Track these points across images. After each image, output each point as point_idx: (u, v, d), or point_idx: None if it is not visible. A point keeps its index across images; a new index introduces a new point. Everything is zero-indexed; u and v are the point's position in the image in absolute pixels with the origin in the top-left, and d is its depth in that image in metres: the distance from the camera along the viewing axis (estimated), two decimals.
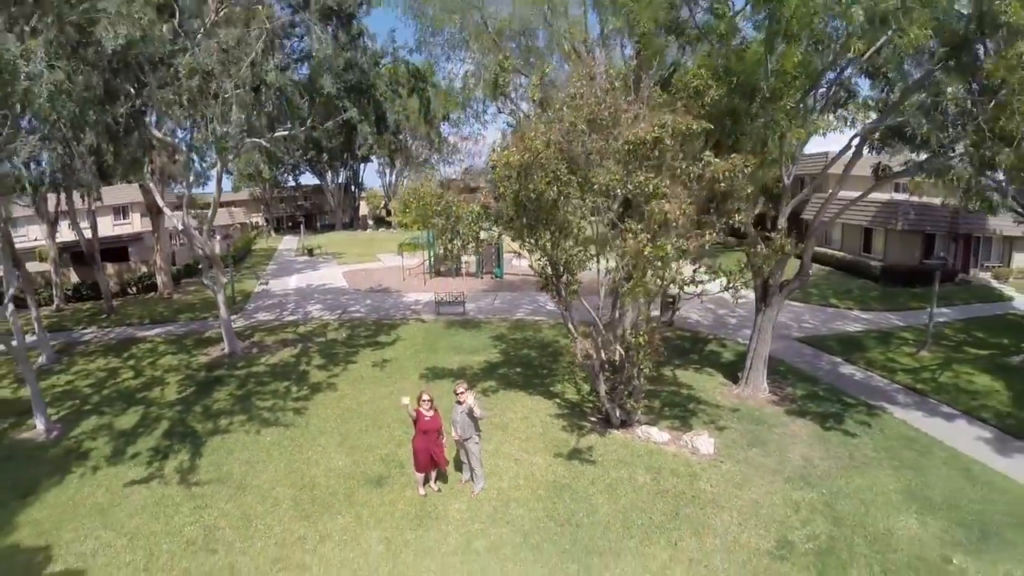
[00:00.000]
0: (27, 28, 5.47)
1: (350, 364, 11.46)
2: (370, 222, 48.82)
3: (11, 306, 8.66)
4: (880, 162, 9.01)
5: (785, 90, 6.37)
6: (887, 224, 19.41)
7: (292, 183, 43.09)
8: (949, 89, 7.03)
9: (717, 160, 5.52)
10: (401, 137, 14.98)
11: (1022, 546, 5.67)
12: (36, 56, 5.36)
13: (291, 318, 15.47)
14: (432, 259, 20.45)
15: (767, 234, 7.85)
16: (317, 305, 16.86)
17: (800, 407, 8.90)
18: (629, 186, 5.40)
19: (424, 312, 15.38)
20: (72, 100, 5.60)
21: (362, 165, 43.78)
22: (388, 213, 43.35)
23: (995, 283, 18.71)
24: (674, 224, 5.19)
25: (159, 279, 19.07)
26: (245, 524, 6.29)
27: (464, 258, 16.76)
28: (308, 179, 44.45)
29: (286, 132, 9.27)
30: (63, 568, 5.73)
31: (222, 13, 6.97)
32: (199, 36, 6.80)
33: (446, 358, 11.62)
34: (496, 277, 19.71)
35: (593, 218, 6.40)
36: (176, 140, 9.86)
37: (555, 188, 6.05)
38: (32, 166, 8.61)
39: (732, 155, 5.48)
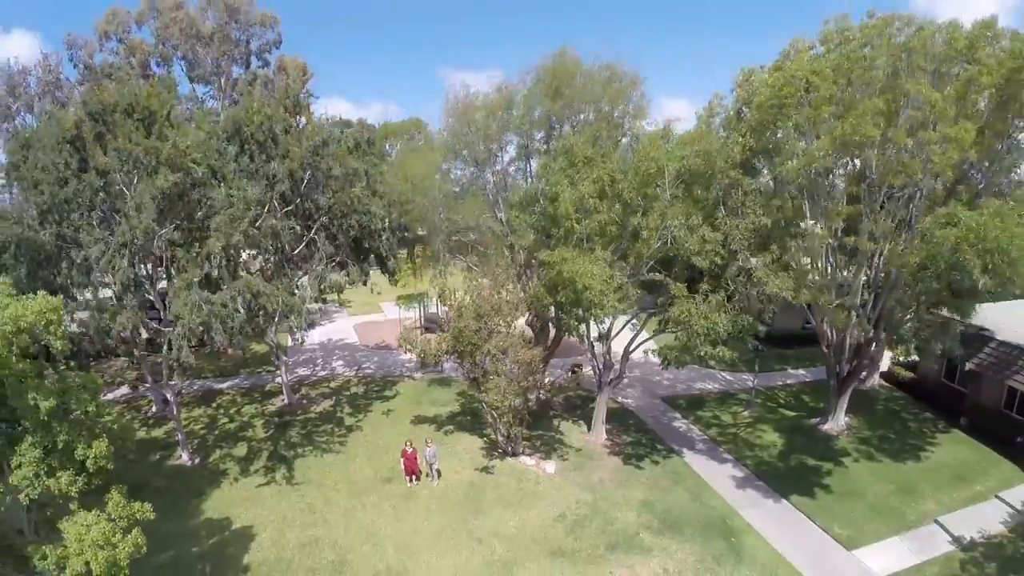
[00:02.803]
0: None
1: (368, 412, 20.93)
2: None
3: (174, 398, 17.88)
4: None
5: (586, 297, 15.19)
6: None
7: None
8: None
9: (523, 354, 14.61)
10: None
11: (689, 535, 14.07)
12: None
13: (323, 373, 25.08)
14: (423, 317, 29.88)
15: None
16: (339, 361, 26.47)
17: (621, 450, 17.88)
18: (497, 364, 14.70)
19: (415, 370, 24.75)
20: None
21: None
22: None
23: None
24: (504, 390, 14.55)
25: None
26: (325, 501, 15.64)
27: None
28: None
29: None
30: (240, 526, 15.03)
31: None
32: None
33: (427, 409, 21.00)
34: None
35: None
36: None
37: (470, 347, 15.22)
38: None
39: (536, 348, 14.55)
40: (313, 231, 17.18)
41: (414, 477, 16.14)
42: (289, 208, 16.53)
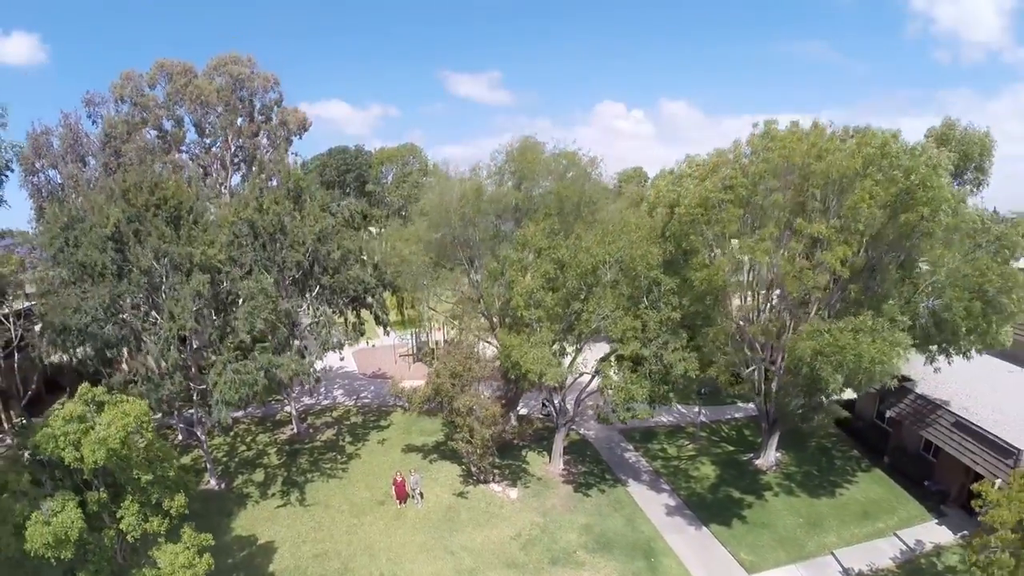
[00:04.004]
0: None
1: (365, 441, 25.48)
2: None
3: (204, 436, 22.52)
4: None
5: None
6: None
7: None
8: None
9: (487, 411, 18.91)
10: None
11: (617, 554, 18.34)
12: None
13: (325, 402, 29.65)
14: (415, 345, 34.35)
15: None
16: (340, 391, 31.04)
17: (575, 479, 22.25)
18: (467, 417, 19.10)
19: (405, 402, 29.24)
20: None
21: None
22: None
23: None
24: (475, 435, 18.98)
25: None
26: (331, 519, 20.26)
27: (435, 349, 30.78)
28: None
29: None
30: (264, 541, 19.65)
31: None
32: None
33: (416, 438, 25.50)
34: None
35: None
36: None
37: (448, 398, 19.60)
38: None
39: (495, 407, 18.95)
40: (315, 293, 21.56)
41: (403, 500, 20.70)
42: (295, 278, 20.89)
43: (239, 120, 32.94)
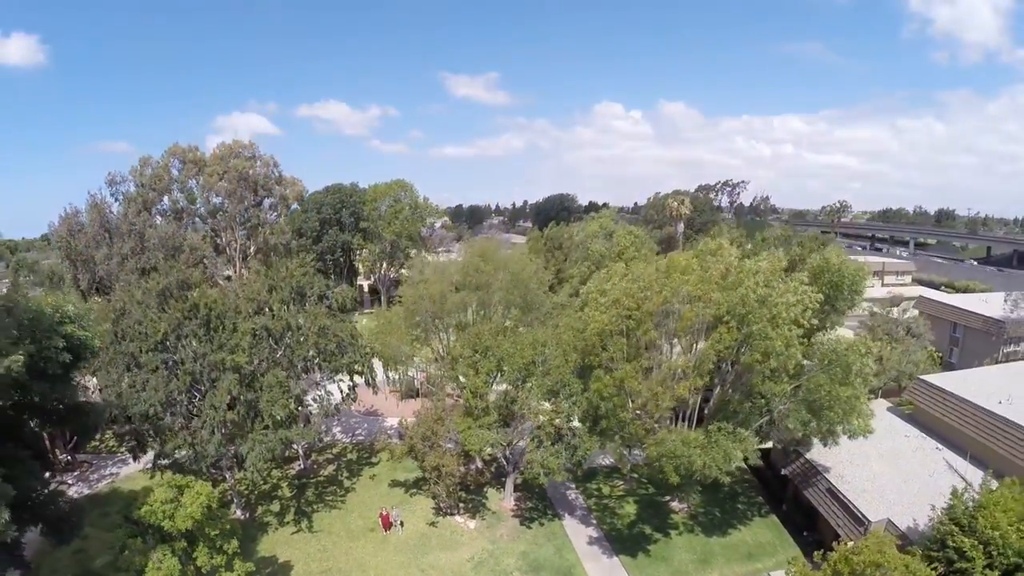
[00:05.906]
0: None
1: (359, 476, 33.33)
2: (363, 284, 70.85)
3: (230, 476, 30.50)
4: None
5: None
6: None
7: None
8: None
9: (449, 468, 26.50)
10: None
11: (544, 575, 26.15)
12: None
13: (326, 439, 37.52)
14: (404, 385, 42.09)
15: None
16: (338, 428, 38.87)
17: (521, 513, 29.91)
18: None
19: (393, 436, 37.05)
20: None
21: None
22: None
23: None
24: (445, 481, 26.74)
25: None
26: (334, 542, 28.12)
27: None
28: None
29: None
30: (283, 561, 27.38)
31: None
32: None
33: (401, 474, 33.33)
34: None
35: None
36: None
37: (421, 454, 27.25)
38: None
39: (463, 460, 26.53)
40: (319, 376, 29.21)
41: (387, 528, 28.57)
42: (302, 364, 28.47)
43: (243, 193, 40.13)
